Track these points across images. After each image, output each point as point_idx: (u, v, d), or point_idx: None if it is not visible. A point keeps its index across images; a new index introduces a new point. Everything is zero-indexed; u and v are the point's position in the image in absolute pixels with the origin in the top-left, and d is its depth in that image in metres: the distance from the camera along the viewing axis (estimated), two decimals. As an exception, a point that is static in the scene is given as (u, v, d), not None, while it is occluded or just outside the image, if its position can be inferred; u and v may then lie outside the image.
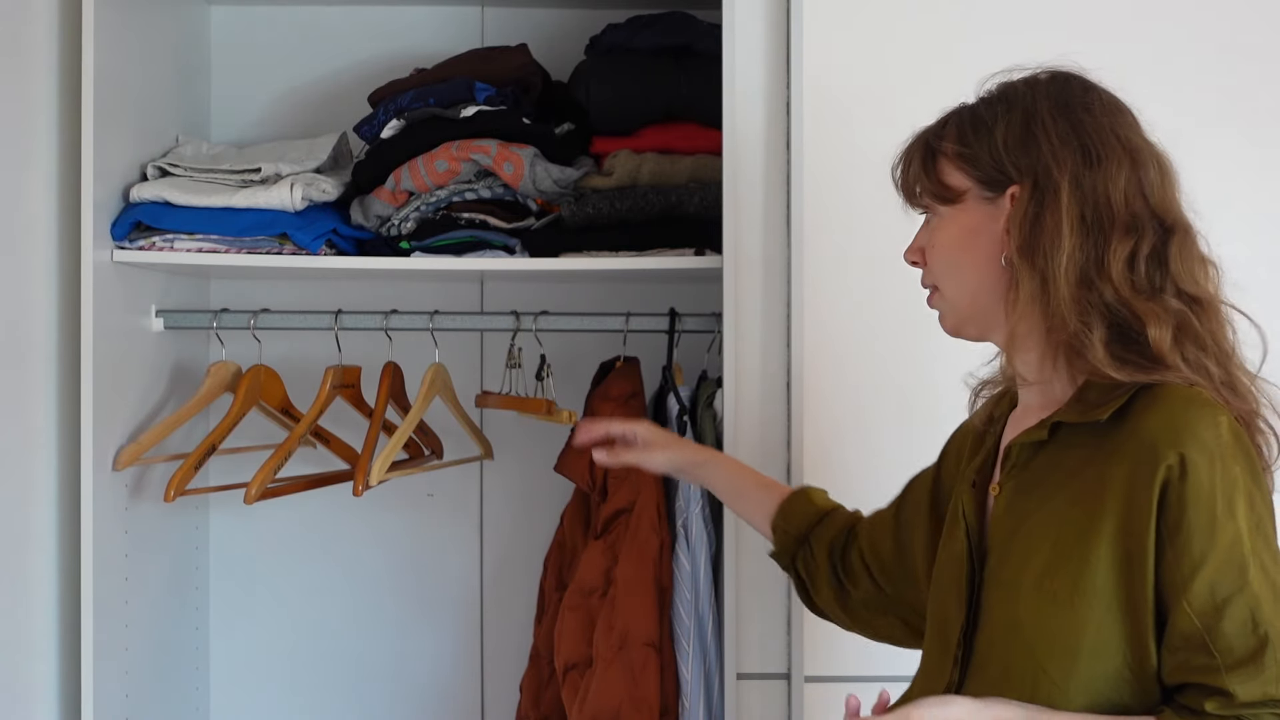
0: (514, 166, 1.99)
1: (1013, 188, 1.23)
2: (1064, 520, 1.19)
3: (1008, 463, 1.28)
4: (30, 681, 1.91)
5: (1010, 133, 1.24)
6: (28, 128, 1.90)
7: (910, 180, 1.33)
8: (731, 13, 1.85)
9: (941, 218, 1.31)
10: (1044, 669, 1.17)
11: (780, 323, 1.85)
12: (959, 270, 1.29)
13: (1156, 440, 1.13)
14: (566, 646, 1.87)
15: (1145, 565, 1.13)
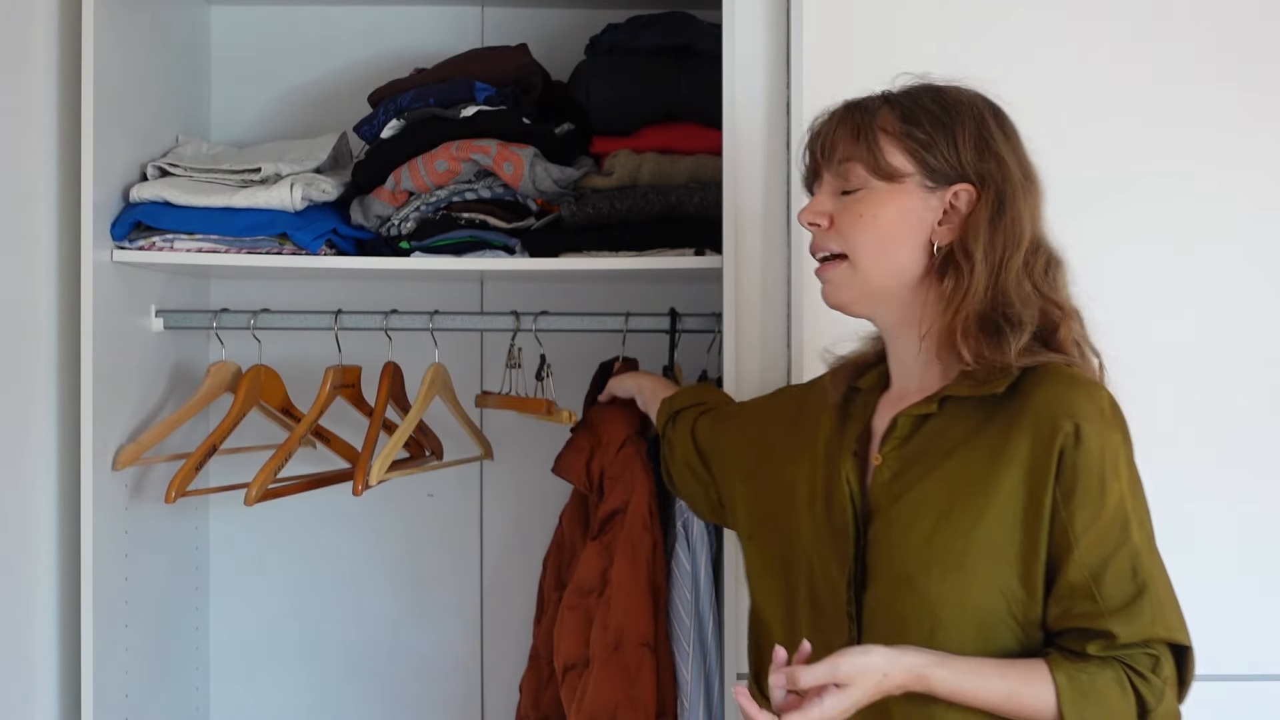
0: (514, 166, 1.99)
1: (959, 186, 1.35)
2: (954, 483, 1.31)
3: (891, 434, 1.38)
4: (30, 681, 1.91)
5: (967, 136, 1.36)
6: (28, 128, 1.90)
7: (834, 144, 1.38)
8: (731, 13, 1.85)
9: (873, 192, 1.36)
10: (938, 619, 1.28)
11: (780, 323, 1.85)
12: (886, 247, 1.36)
13: (1055, 411, 1.28)
14: (565, 646, 1.87)
15: (1041, 522, 1.27)
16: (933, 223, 1.36)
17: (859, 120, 1.38)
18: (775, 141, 1.86)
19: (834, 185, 1.40)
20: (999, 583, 1.28)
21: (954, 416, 1.35)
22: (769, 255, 1.86)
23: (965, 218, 1.35)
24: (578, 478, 1.94)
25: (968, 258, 1.33)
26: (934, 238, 1.36)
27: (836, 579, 1.38)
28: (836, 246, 1.39)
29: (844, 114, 1.40)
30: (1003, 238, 1.34)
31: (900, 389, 1.44)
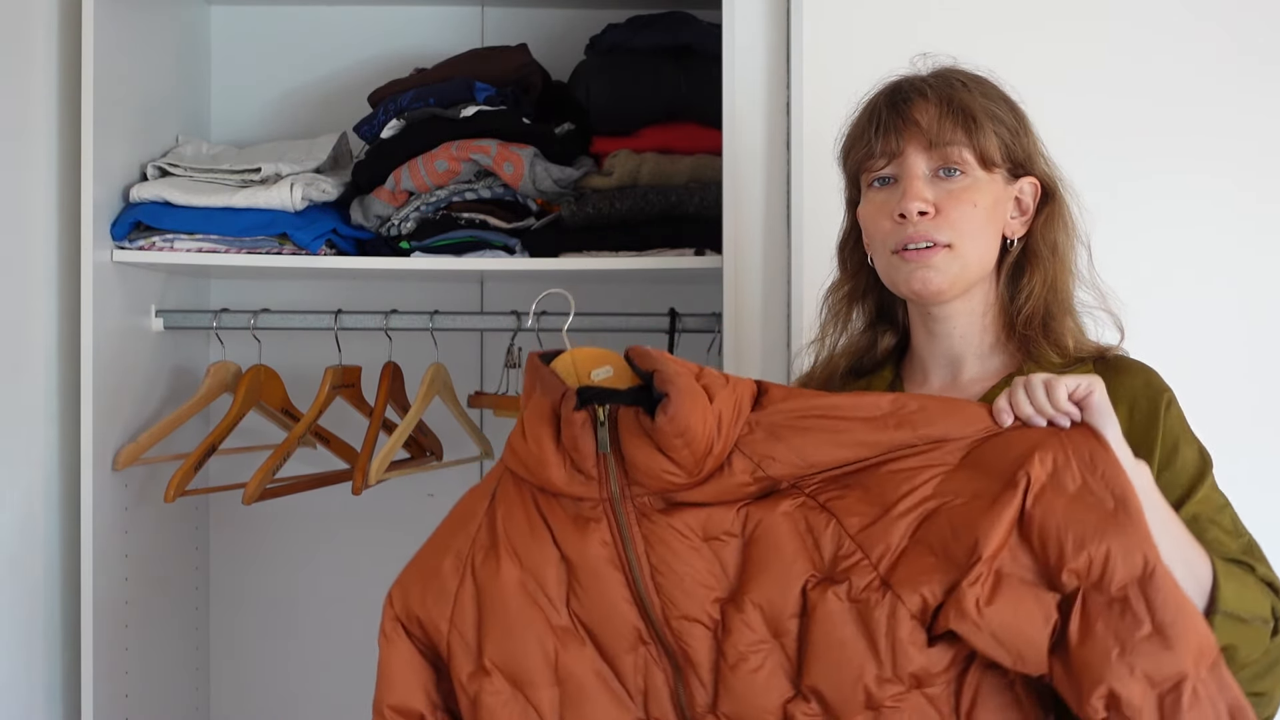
0: (514, 166, 1.99)
1: (1027, 179, 1.35)
2: None
3: None
4: (30, 682, 1.91)
5: (1030, 131, 1.36)
6: (28, 128, 1.90)
7: (940, 129, 1.31)
8: (731, 13, 1.85)
9: (976, 181, 1.32)
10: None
11: (780, 323, 1.85)
12: (984, 236, 1.33)
13: (1148, 380, 1.31)
14: None
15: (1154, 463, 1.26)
16: (1008, 215, 1.36)
17: (961, 102, 1.32)
18: (775, 141, 1.86)
19: (928, 168, 1.32)
20: None
21: None
22: (769, 255, 1.86)
23: (1034, 210, 1.36)
24: None
25: (1053, 250, 1.35)
26: (1007, 230, 1.36)
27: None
28: (944, 236, 1.31)
29: (943, 93, 1.33)
30: (1073, 231, 1.37)
31: (947, 380, 1.40)
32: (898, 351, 1.46)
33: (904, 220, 1.32)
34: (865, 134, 1.36)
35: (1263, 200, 1.81)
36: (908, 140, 1.32)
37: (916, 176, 1.32)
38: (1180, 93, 1.81)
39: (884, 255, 1.36)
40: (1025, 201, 1.36)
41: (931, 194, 1.31)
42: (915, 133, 1.32)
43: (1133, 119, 1.81)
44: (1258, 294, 1.81)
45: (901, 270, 1.34)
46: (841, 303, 1.48)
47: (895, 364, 1.45)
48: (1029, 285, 1.35)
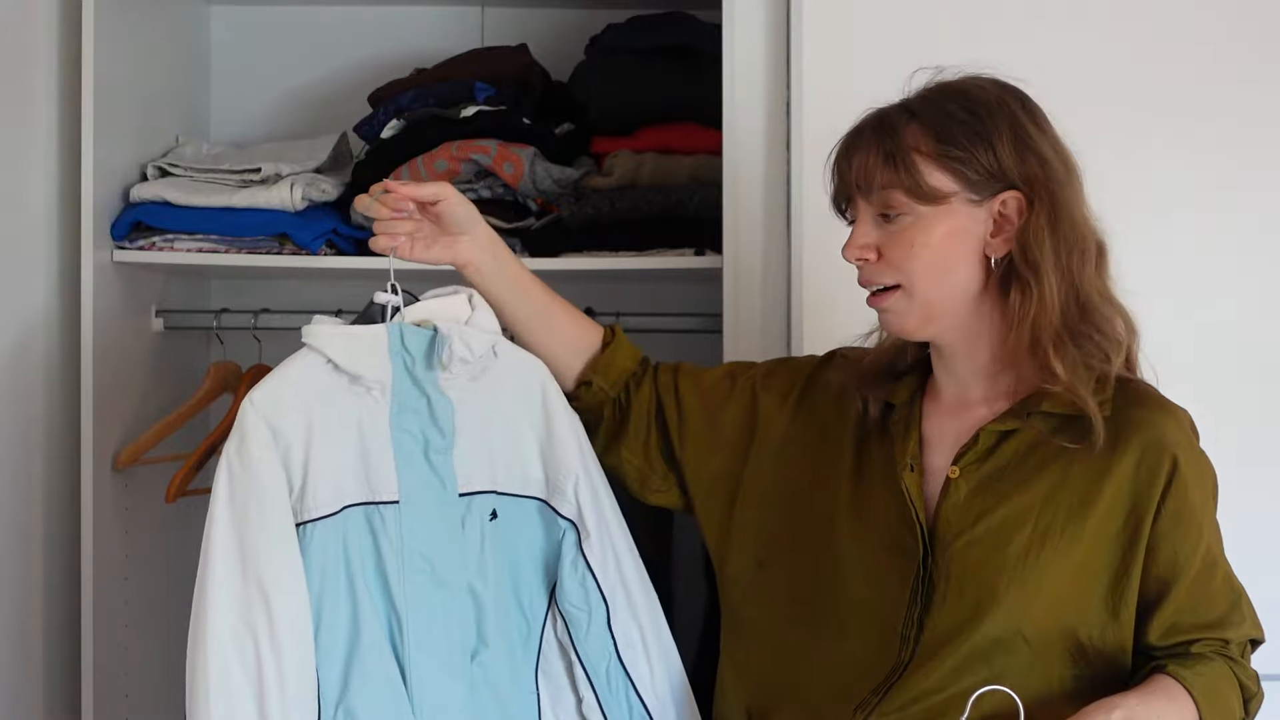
0: (514, 166, 1.99)
1: (1006, 194, 1.30)
2: (1049, 501, 1.29)
3: (971, 449, 1.33)
4: (30, 682, 1.90)
5: (1005, 139, 1.30)
6: (28, 128, 1.90)
7: (869, 172, 1.31)
8: (731, 13, 1.85)
9: (920, 218, 1.30)
10: (1023, 640, 1.27)
11: (780, 323, 1.85)
12: (943, 271, 1.31)
13: (1159, 437, 1.28)
14: None
15: (1139, 545, 1.28)
16: (984, 236, 1.30)
17: (890, 144, 1.30)
18: (775, 141, 1.86)
19: (872, 212, 1.33)
20: (1086, 604, 1.28)
21: (1041, 430, 1.31)
22: (769, 255, 1.86)
23: (1019, 225, 1.29)
24: None
25: (1033, 268, 1.28)
26: (988, 251, 1.31)
27: (894, 600, 1.31)
28: (889, 279, 1.32)
29: (872, 137, 1.33)
30: (1065, 242, 1.29)
31: (957, 398, 1.38)
32: (928, 360, 1.43)
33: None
34: (829, 180, 1.40)
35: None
36: (848, 191, 1.36)
37: (860, 223, 1.34)
38: (1178, 91, 1.81)
39: None
40: (1009, 215, 1.30)
41: (875, 237, 1.33)
42: (851, 184, 1.35)
43: (1133, 118, 1.81)
44: (1258, 294, 1.81)
45: (875, 310, 1.37)
46: None
47: (924, 372, 1.43)
48: (1013, 304, 1.30)
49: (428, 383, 1.39)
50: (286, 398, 1.34)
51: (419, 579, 1.36)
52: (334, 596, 1.33)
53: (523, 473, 1.45)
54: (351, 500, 1.35)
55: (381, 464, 1.36)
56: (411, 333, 1.40)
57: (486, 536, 1.42)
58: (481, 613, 1.40)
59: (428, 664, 1.35)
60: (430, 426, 1.39)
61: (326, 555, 1.33)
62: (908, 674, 1.28)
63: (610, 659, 1.45)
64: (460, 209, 1.46)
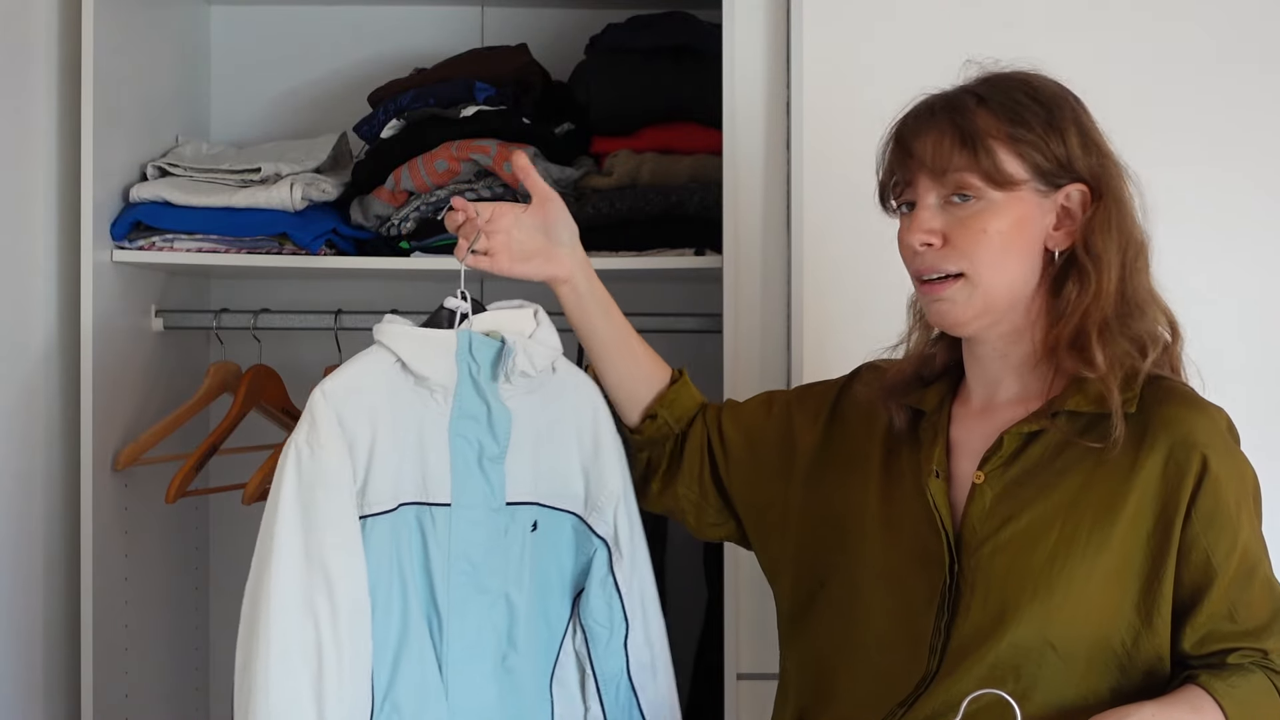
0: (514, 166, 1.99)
1: (1071, 186, 1.28)
2: (1076, 504, 1.25)
3: (996, 453, 1.30)
4: (30, 681, 1.90)
5: (1072, 131, 1.28)
6: (28, 128, 1.90)
7: (941, 154, 1.27)
8: (731, 13, 1.85)
9: (991, 204, 1.26)
10: (1051, 649, 1.23)
11: (780, 323, 1.85)
12: (1006, 261, 1.27)
13: (1189, 436, 1.24)
14: None
15: (1170, 548, 1.23)
16: (1048, 228, 1.29)
17: (966, 126, 1.26)
18: (775, 141, 1.86)
19: (937, 196, 1.29)
20: (1116, 610, 1.24)
21: (1067, 431, 1.28)
22: (769, 255, 1.86)
23: (1082, 219, 1.28)
24: None
25: (1095, 261, 1.27)
26: (1049, 243, 1.29)
27: (921, 611, 1.29)
28: (954, 266, 1.28)
29: (946, 118, 1.28)
30: (1126, 237, 1.28)
31: (985, 400, 1.36)
32: (958, 365, 1.41)
33: (914, 250, 1.30)
34: (881, 167, 1.35)
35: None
36: (912, 171, 1.30)
37: (924, 207, 1.29)
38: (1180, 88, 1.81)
39: (914, 284, 1.35)
40: (1073, 209, 1.29)
41: (940, 222, 1.28)
42: (916, 162, 1.29)
43: (1135, 117, 1.81)
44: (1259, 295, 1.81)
45: (924, 302, 1.34)
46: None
47: (954, 379, 1.41)
48: (1067, 297, 1.28)
49: (490, 392, 1.41)
50: (356, 391, 1.36)
51: (462, 581, 1.39)
52: (387, 590, 1.35)
53: (564, 487, 1.48)
54: (407, 499, 1.38)
55: (438, 466, 1.39)
56: (480, 341, 1.42)
57: (526, 546, 1.44)
58: (514, 619, 1.43)
59: (464, 664, 1.39)
60: (487, 434, 1.41)
61: (382, 550, 1.35)
62: (933, 685, 1.26)
63: (622, 676, 1.49)
64: (567, 221, 1.48)
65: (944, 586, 1.28)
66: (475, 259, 1.45)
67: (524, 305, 1.47)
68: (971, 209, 1.27)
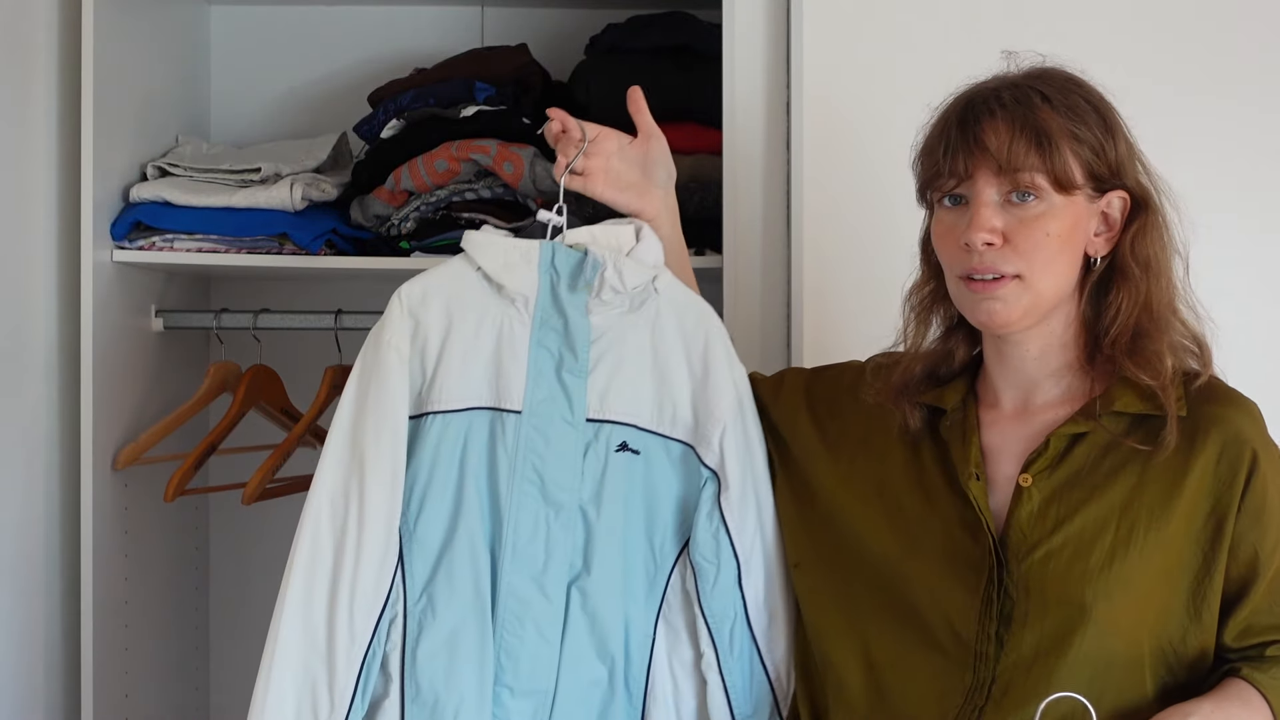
0: (514, 166, 1.99)
1: (1115, 193, 1.28)
2: (1129, 505, 1.24)
3: (1041, 455, 1.28)
4: (30, 681, 1.90)
5: (1120, 136, 1.28)
6: (28, 128, 1.90)
7: (1015, 155, 1.23)
8: (731, 13, 1.85)
9: (1051, 206, 1.24)
10: (1114, 653, 1.22)
11: (780, 323, 1.85)
12: (1057, 264, 1.26)
13: (1240, 430, 1.24)
14: None
15: (1222, 545, 1.23)
16: (1090, 234, 1.28)
17: (1035, 122, 1.23)
18: (775, 141, 1.86)
19: (997, 194, 1.25)
20: (1170, 610, 1.23)
21: (1114, 432, 1.27)
22: (769, 255, 1.86)
23: (1121, 226, 1.28)
24: None
25: (1145, 268, 1.26)
26: (1089, 249, 1.28)
27: (961, 613, 1.26)
28: (1011, 268, 1.25)
29: (1019, 114, 1.24)
30: (1168, 244, 1.29)
31: (1019, 403, 1.34)
32: (974, 362, 1.39)
33: (970, 248, 1.26)
34: (934, 152, 1.30)
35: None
36: (977, 164, 1.25)
37: (985, 204, 1.25)
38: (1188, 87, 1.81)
39: (952, 279, 1.31)
40: (1113, 216, 1.28)
41: (1001, 221, 1.25)
42: (985, 156, 1.24)
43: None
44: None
45: (968, 300, 1.29)
46: (924, 303, 1.40)
47: (971, 377, 1.38)
48: (1115, 304, 1.27)
49: (569, 303, 1.41)
50: (432, 293, 1.41)
51: (527, 489, 1.39)
52: (441, 489, 1.38)
53: (673, 413, 1.44)
54: (479, 403, 1.40)
55: (513, 374, 1.40)
56: (563, 252, 1.43)
57: (611, 466, 1.41)
58: (591, 539, 1.40)
59: (519, 574, 1.38)
60: (565, 347, 1.41)
61: (441, 448, 1.38)
62: (997, 695, 1.23)
63: (737, 619, 1.42)
64: (666, 162, 1.51)
65: (986, 592, 1.25)
66: (571, 178, 1.46)
67: (630, 221, 1.47)
68: (1033, 210, 1.24)
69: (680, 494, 1.44)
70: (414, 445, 1.38)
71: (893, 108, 1.80)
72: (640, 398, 1.43)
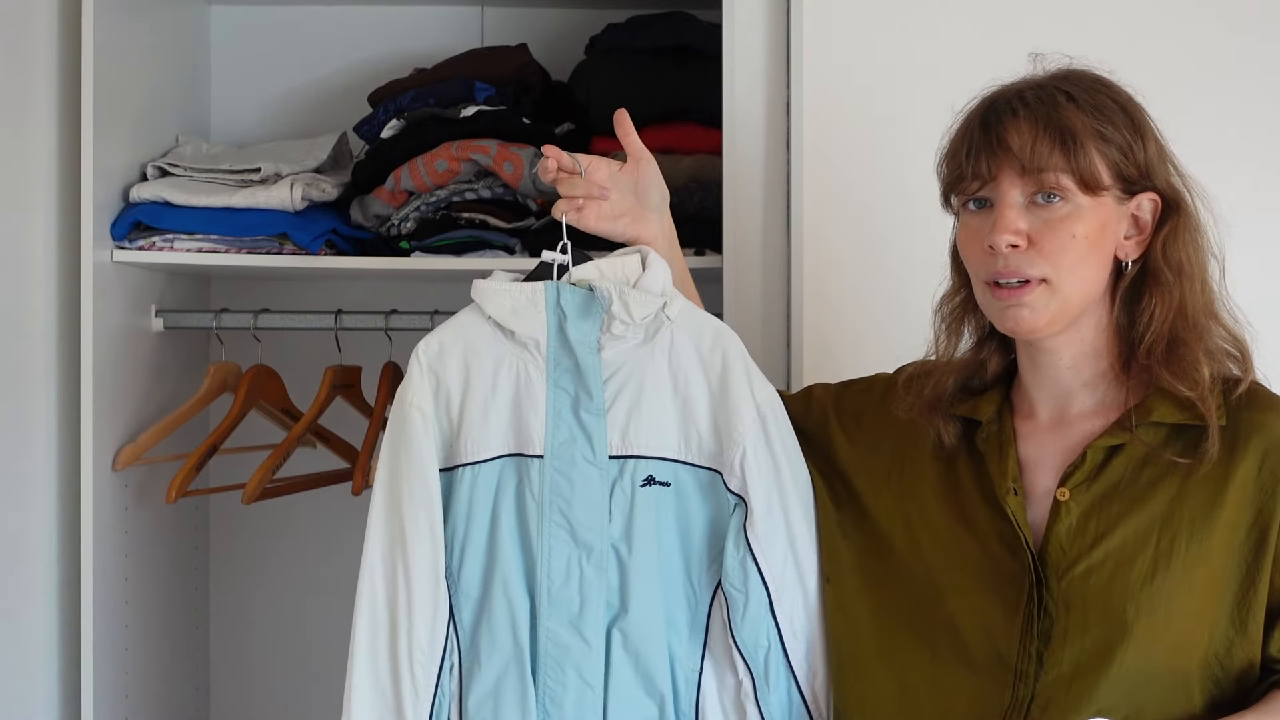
0: (514, 166, 1.99)
1: (1145, 195, 1.25)
2: (1170, 518, 1.21)
3: (1079, 468, 1.26)
4: (30, 682, 1.91)
5: (1149, 138, 1.25)
6: (28, 128, 1.90)
7: (1040, 155, 1.21)
8: (731, 13, 1.85)
9: (1078, 208, 1.22)
10: (1156, 669, 1.19)
11: (780, 323, 1.85)
12: (1085, 267, 1.23)
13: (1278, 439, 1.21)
14: None
15: (1266, 555, 1.20)
16: (1119, 237, 1.25)
17: (1063, 123, 1.21)
18: (775, 141, 1.86)
19: (1022, 195, 1.23)
20: (1213, 622, 1.20)
21: (1151, 443, 1.24)
22: (769, 255, 1.86)
23: (1152, 230, 1.25)
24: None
25: (1179, 273, 1.24)
26: (1119, 253, 1.25)
27: (1000, 630, 1.23)
28: (1037, 271, 1.22)
29: (1043, 113, 1.22)
30: (1204, 248, 1.26)
31: (1055, 415, 1.31)
32: (1008, 373, 1.36)
33: (994, 251, 1.23)
34: (957, 155, 1.27)
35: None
36: (1000, 165, 1.23)
37: (1009, 205, 1.23)
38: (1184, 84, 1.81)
39: (979, 285, 1.29)
40: (1143, 219, 1.25)
41: (1026, 223, 1.22)
42: (1008, 157, 1.22)
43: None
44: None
45: (994, 306, 1.27)
46: (955, 313, 1.37)
47: (1005, 387, 1.36)
48: (1149, 309, 1.24)
49: (578, 342, 1.40)
50: (449, 347, 1.42)
51: (557, 534, 1.38)
52: (476, 539, 1.39)
53: (699, 440, 1.42)
54: (504, 451, 1.40)
55: (533, 419, 1.40)
56: (569, 291, 1.42)
57: (639, 502, 1.39)
58: (626, 578, 1.39)
59: (555, 619, 1.38)
60: (580, 386, 1.40)
61: (475, 500, 1.39)
62: (1036, 714, 1.20)
63: (771, 648, 1.39)
64: (659, 184, 1.48)
65: (1026, 608, 1.23)
66: (561, 209, 1.45)
67: (636, 251, 1.45)
68: (1059, 211, 1.22)
69: (712, 521, 1.42)
70: (450, 498, 1.39)
71: (893, 107, 1.80)
72: (664, 428, 1.41)
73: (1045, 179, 1.21)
